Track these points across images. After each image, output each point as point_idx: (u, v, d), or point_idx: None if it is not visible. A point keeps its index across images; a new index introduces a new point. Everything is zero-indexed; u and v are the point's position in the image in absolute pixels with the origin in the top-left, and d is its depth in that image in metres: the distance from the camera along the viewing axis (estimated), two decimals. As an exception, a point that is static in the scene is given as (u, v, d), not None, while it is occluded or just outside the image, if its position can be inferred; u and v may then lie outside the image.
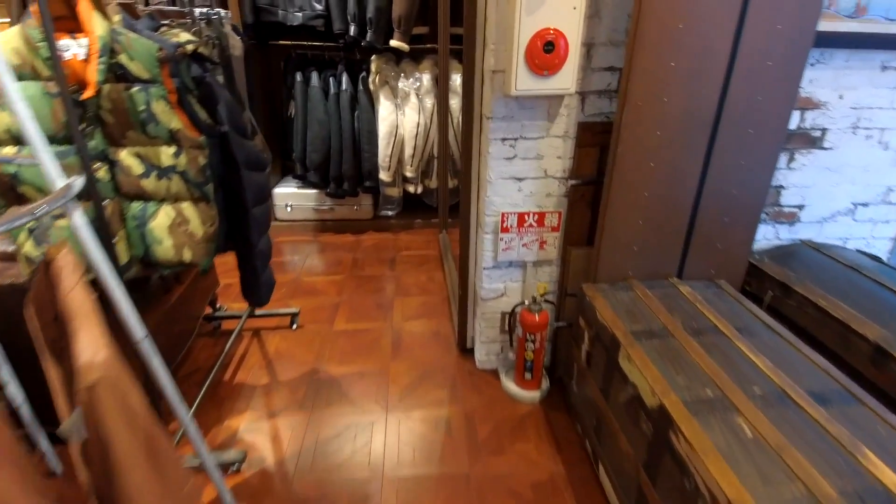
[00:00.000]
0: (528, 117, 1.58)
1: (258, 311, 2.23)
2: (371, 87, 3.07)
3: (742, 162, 1.46)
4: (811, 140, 1.68)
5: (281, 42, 3.09)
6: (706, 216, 1.51)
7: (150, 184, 1.19)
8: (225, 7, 2.80)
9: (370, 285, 2.68)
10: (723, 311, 1.41)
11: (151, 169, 1.17)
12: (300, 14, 2.87)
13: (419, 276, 2.80)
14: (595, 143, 1.61)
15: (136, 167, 1.17)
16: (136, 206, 1.20)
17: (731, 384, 1.11)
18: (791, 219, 1.79)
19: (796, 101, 1.55)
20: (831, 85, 1.62)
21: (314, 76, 3.04)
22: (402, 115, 3.11)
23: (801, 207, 1.78)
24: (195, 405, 1.70)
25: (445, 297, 2.56)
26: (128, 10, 1.22)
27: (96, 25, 1.06)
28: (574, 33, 1.41)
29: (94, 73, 1.05)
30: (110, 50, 1.08)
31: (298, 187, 3.35)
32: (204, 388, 1.78)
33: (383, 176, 3.20)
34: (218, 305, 2.27)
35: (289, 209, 3.37)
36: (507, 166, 1.65)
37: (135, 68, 1.09)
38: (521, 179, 1.67)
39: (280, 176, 3.54)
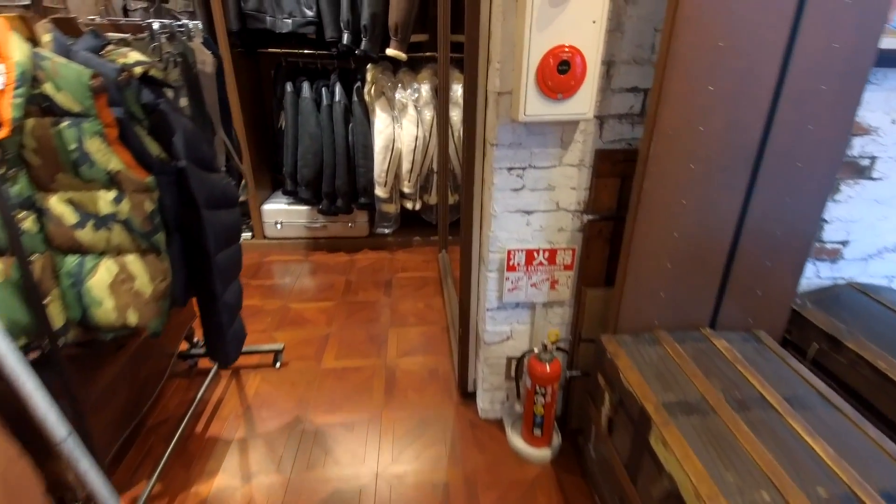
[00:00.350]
0: (538, 144, 1.39)
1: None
2: (366, 98, 2.88)
3: (788, 199, 1.25)
4: (859, 169, 1.48)
5: (270, 50, 2.90)
6: (745, 260, 1.31)
7: (86, 235, 0.99)
8: (209, 14, 2.61)
9: (363, 313, 2.48)
10: (767, 374, 1.21)
11: (87, 218, 0.98)
12: (290, 21, 2.68)
13: (416, 302, 2.60)
14: (615, 173, 1.41)
15: (69, 216, 0.97)
16: (71, 261, 1.00)
17: (790, 484, 0.91)
18: (833, 256, 1.59)
19: (852, 130, 1.35)
20: (883, 108, 1.41)
21: (305, 86, 2.85)
22: (399, 128, 2.92)
23: (844, 243, 1.58)
24: (161, 466, 1.50)
25: (445, 327, 2.37)
26: (64, 26, 1.02)
27: (13, 49, 0.86)
28: (593, 51, 1.21)
29: (8, 108, 0.86)
30: (32, 78, 0.88)
31: (289, 203, 3.15)
32: (172, 445, 1.58)
33: (379, 192, 3.01)
34: (195, 340, 2.07)
35: (279, 227, 3.18)
36: (514, 198, 1.45)
37: (62, 100, 0.90)
38: (529, 213, 1.47)
39: (270, 191, 3.35)
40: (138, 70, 1.02)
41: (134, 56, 1.05)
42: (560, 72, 1.21)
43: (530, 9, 1.16)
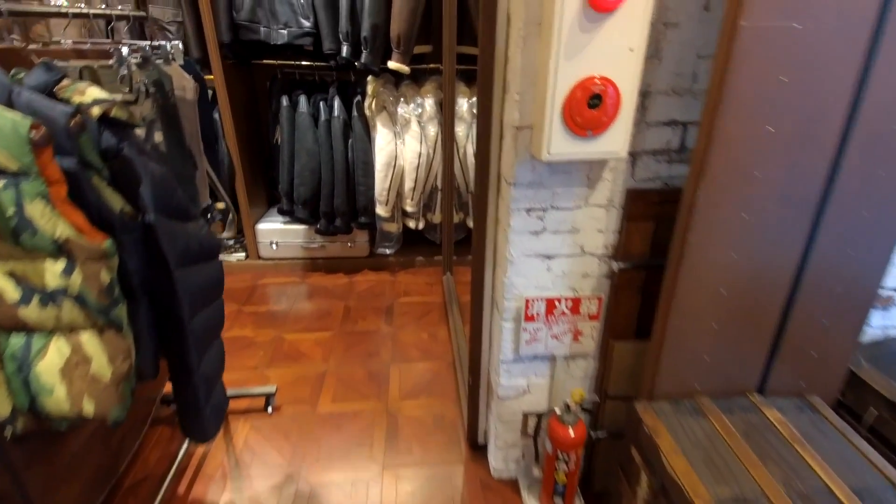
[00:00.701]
0: (561, 183, 1.23)
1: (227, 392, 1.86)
2: (367, 112, 2.72)
3: (851, 252, 1.09)
4: (920, 208, 1.32)
5: (265, 61, 2.73)
6: (801, 319, 1.14)
7: (31, 313, 0.83)
8: (199, 24, 2.44)
9: (363, 346, 2.32)
10: (831, 457, 1.04)
11: (31, 293, 0.82)
12: (285, 32, 2.51)
13: (420, 332, 2.44)
14: (649, 215, 1.25)
15: (11, 291, 0.81)
16: (15, 343, 0.84)
17: None
18: (886, 304, 1.43)
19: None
20: (951, 140, 1.25)
21: (302, 100, 2.69)
22: (401, 145, 2.76)
23: (900, 289, 1.42)
24: (137, 540, 1.34)
25: (451, 363, 2.20)
26: (11, 58, 0.86)
27: (-69, 93, 0.71)
28: (629, 82, 1.05)
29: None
30: (-44, 129, 0.72)
31: (285, 223, 2.99)
32: (151, 512, 1.42)
33: (380, 211, 2.85)
34: (182, 382, 1.91)
35: (274, 247, 3.01)
36: (534, 242, 1.29)
37: (-5, 155, 0.74)
38: (550, 257, 1.31)
39: (265, 208, 3.18)
40: (96, 111, 0.85)
41: (92, 93, 0.89)
42: (591, 106, 1.05)
43: (557, 35, 0.99)
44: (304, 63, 2.72)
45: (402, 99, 2.75)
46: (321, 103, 2.71)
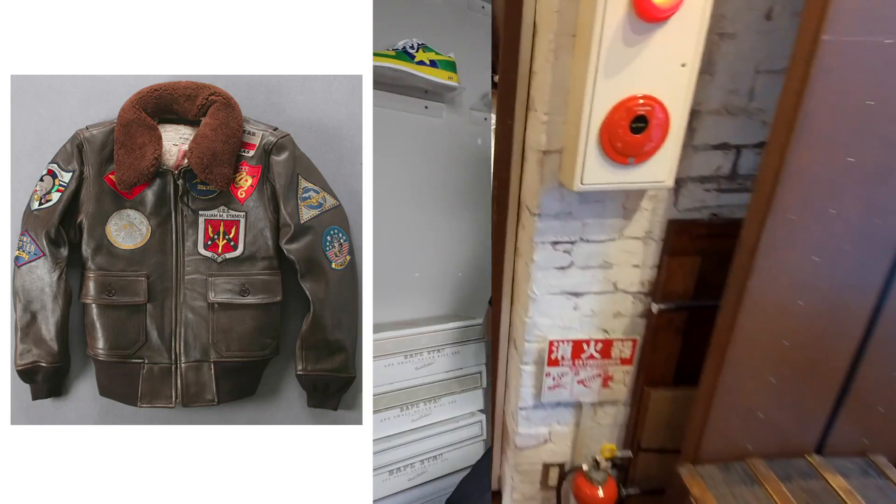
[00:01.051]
0: (592, 214, 1.08)
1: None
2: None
3: (932, 297, 0.95)
4: None
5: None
6: (871, 372, 1.00)
7: None
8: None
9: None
10: (914, 538, 0.90)
11: None
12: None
13: (424, 356, 2.28)
14: (693, 250, 1.10)
15: None
16: None
17: None
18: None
19: None
20: None
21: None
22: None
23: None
24: None
25: (458, 392, 2.05)
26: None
27: None
28: (679, 102, 0.90)
29: None
30: None
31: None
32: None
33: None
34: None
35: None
36: (560, 278, 1.14)
37: None
38: (578, 295, 1.17)
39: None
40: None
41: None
42: (634, 130, 0.90)
43: (596, 49, 0.85)
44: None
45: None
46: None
